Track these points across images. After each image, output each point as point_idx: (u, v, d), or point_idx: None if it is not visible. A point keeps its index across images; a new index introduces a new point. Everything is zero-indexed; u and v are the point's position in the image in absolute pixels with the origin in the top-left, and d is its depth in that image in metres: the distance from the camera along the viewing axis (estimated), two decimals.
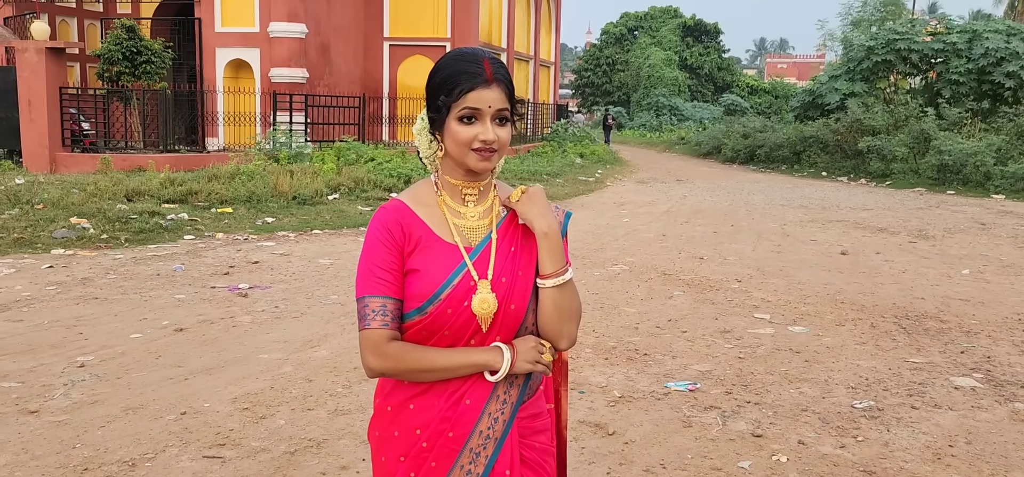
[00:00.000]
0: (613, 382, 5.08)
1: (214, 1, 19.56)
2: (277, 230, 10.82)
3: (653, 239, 10.89)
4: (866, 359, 5.68)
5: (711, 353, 5.75)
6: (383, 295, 1.67)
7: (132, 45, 17.41)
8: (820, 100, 26.95)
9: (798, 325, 6.57)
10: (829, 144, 24.04)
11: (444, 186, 1.77)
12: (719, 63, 59.20)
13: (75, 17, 22.58)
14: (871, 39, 26.66)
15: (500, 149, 1.70)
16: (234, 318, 6.41)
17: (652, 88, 52.65)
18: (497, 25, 26.33)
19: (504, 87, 1.68)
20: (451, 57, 1.71)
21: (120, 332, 5.91)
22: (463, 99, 1.65)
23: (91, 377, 4.95)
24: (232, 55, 19.76)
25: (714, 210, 14.34)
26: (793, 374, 5.32)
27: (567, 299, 1.72)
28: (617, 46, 60.90)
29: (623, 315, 6.78)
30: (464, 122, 1.66)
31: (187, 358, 5.37)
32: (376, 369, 1.68)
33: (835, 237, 11.34)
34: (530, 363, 1.70)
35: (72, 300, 6.83)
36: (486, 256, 1.71)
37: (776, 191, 18.06)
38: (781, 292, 7.78)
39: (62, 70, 17.04)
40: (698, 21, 60.08)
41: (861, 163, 22.14)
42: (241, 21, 19.62)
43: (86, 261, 8.47)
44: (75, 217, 10.13)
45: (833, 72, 28.25)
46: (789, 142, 25.54)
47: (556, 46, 34.83)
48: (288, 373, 5.10)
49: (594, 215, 13.30)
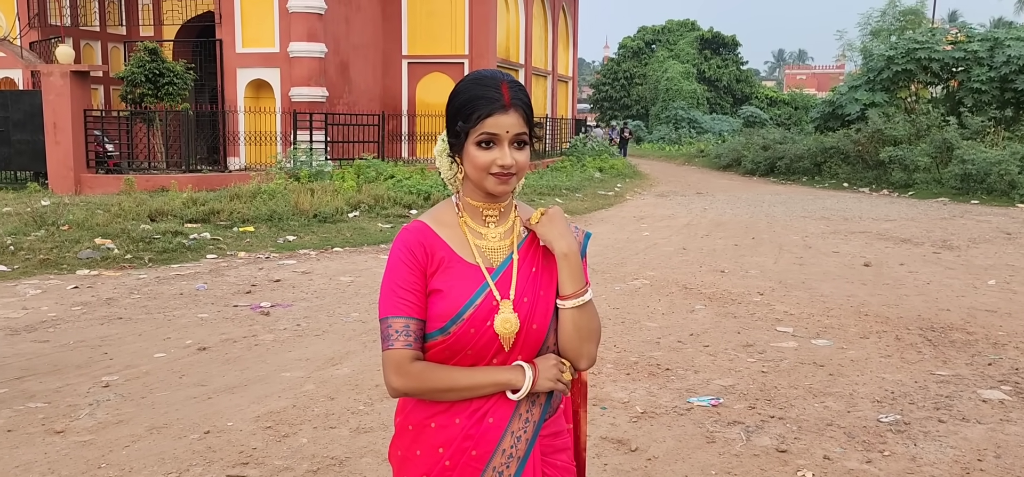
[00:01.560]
0: (635, 397, 5.05)
1: (235, 22, 19.80)
2: (298, 248, 10.88)
3: (673, 253, 10.83)
4: (891, 372, 5.61)
5: (734, 367, 5.71)
6: (406, 316, 1.68)
7: (155, 67, 17.64)
8: (840, 111, 26.76)
9: (822, 338, 6.50)
10: (850, 155, 23.85)
11: (465, 208, 1.79)
12: (738, 75, 58.99)
13: (99, 41, 22.94)
14: (891, 49, 26.47)
15: (519, 173, 1.72)
16: (256, 337, 6.44)
17: (670, 101, 52.55)
18: (515, 42, 26.42)
19: (522, 111, 1.69)
20: (470, 81, 1.72)
21: (144, 352, 5.96)
22: (481, 124, 1.67)
23: (116, 397, 4.99)
24: (253, 75, 19.97)
25: (735, 223, 14.26)
26: (817, 388, 5.26)
27: (587, 319, 1.73)
28: (635, 60, 60.87)
29: (644, 329, 6.75)
30: (482, 147, 1.68)
31: (210, 377, 5.40)
32: (399, 388, 1.69)
33: (858, 248, 11.23)
34: (551, 381, 1.71)
35: (97, 320, 6.90)
36: (508, 276, 1.73)
37: (797, 203, 17.94)
38: (804, 305, 7.71)
39: (86, 93, 17.29)
40: (716, 34, 59.94)
41: (883, 173, 21.94)
42: (262, 42, 19.84)
43: (110, 281, 8.56)
44: (100, 238, 10.24)
45: (853, 82, 28.05)
46: (809, 153, 25.36)
47: (574, 61, 34.89)
48: (310, 391, 5.12)
49: (614, 229, 13.27)
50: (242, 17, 19.81)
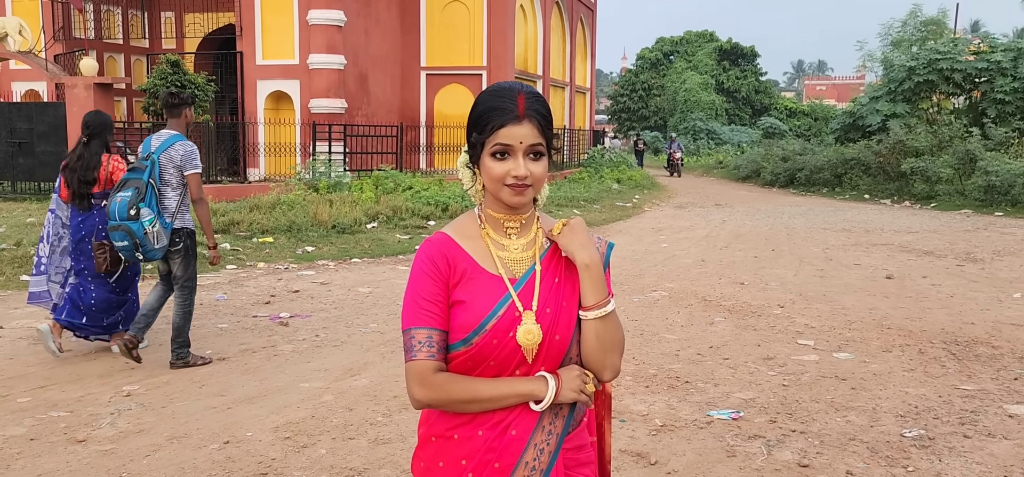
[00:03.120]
0: (654, 410, 5.02)
1: (256, 35, 19.99)
2: (317, 259, 10.93)
3: (692, 264, 10.79)
4: (915, 386, 5.55)
5: (754, 380, 5.66)
6: (429, 326, 1.69)
7: (176, 79, 17.87)
8: (861, 122, 26.59)
9: (843, 351, 6.44)
10: (871, 166, 23.69)
11: (487, 219, 1.79)
12: (756, 86, 58.82)
13: (122, 53, 23.22)
14: (912, 59, 26.28)
15: (535, 184, 1.72)
16: (275, 347, 6.47)
17: (689, 112, 52.44)
18: (533, 53, 26.48)
19: (537, 121, 1.69)
20: (488, 93, 1.73)
21: (164, 361, 6.00)
22: (495, 135, 1.68)
23: (137, 406, 5.02)
24: (273, 87, 20.14)
25: (754, 234, 14.18)
26: (839, 402, 5.21)
27: (610, 330, 1.72)
28: (653, 71, 60.84)
29: (663, 342, 6.72)
30: (497, 158, 1.69)
31: (230, 387, 5.43)
32: (422, 400, 1.69)
33: (880, 261, 11.13)
34: (574, 392, 1.70)
35: None
36: (530, 287, 1.73)
37: (817, 214, 17.81)
38: (825, 318, 7.65)
39: (110, 105, 17.49)
40: (734, 44, 59.83)
41: (904, 185, 21.77)
42: (282, 54, 20.00)
43: None
44: None
45: (874, 93, 27.87)
46: (830, 164, 25.21)
47: (592, 72, 34.91)
48: (329, 402, 5.13)
49: (632, 241, 13.23)
50: (262, 30, 19.99)
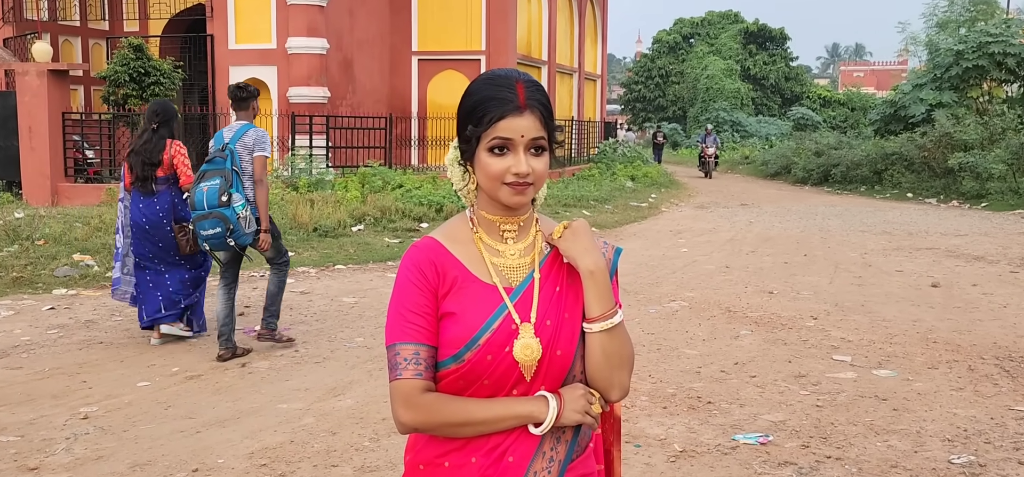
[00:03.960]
0: (673, 434, 5.02)
1: (228, 16, 20.02)
2: (296, 266, 10.93)
3: (715, 271, 10.80)
4: (964, 407, 5.54)
5: (784, 401, 5.66)
6: (416, 342, 1.68)
7: (140, 65, 17.86)
8: (903, 112, 26.61)
9: (884, 368, 6.44)
10: (915, 161, 23.70)
11: (480, 222, 1.78)
12: (786, 72, 58.84)
13: (79, 36, 23.25)
14: (960, 42, 26.30)
15: (536, 182, 1.71)
16: (250, 363, 6.48)
17: (711, 102, 52.48)
18: (537, 36, 26.51)
19: (539, 113, 1.69)
20: (482, 81, 1.72)
21: (126, 380, 6.01)
22: (492, 128, 1.67)
23: (95, 430, 5.02)
24: (247, 74, 20.12)
25: (784, 238, 14.18)
26: (880, 425, 5.20)
27: (617, 345, 1.72)
28: (671, 56, 60.89)
29: (683, 358, 6.72)
30: (495, 153, 1.68)
31: (199, 408, 5.43)
32: (408, 423, 1.68)
33: (924, 267, 11.13)
34: (579, 414, 1.69)
35: (75, 345, 6.97)
36: (528, 297, 1.72)
37: (855, 215, 17.82)
38: (863, 330, 7.65)
39: (65, 94, 17.54)
40: (762, 26, 59.86)
41: (952, 182, 21.77)
42: (257, 37, 20.03)
43: (90, 302, 8.64)
44: (78, 253, 10.35)
45: (917, 80, 27.89)
46: (869, 160, 25.23)
47: (603, 58, 34.95)
48: (309, 425, 5.13)
49: (648, 245, 13.24)
50: (235, 10, 20.02)
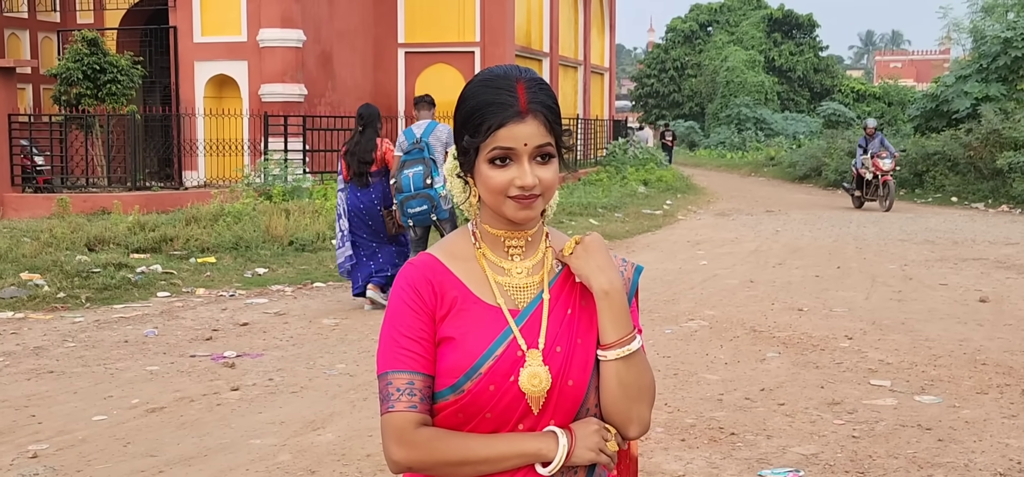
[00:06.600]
0: (692, 469, 5.02)
1: (192, 6, 20.03)
2: (271, 283, 10.94)
3: (738, 286, 10.80)
4: (1017, 437, 5.54)
5: (817, 431, 5.66)
6: (410, 370, 1.68)
7: (95, 61, 17.87)
8: (945, 107, 26.64)
9: (927, 394, 6.44)
10: (959, 162, 23.71)
11: (483, 237, 1.78)
12: (816, 64, 58.93)
13: (27, 30, 23.25)
14: (1008, 28, 26.34)
15: (544, 193, 1.70)
16: (219, 394, 6.46)
17: (732, 97, 52.52)
18: (537, 25, 26.57)
19: (544, 116, 1.68)
20: (478, 83, 1.72)
21: (81, 413, 5.99)
22: (491, 138, 1.66)
23: (45, 470, 5.01)
24: (214, 70, 20.18)
25: (815, 248, 14.20)
26: (923, 457, 5.20)
27: (635, 374, 1.71)
28: (686, 46, 61.00)
29: (703, 384, 6.71)
30: (496, 165, 1.67)
31: (162, 445, 5.42)
32: (401, 461, 1.68)
33: (972, 280, 11.14)
34: (592, 452, 1.68)
35: (23, 375, 6.95)
36: (536, 320, 1.71)
37: (893, 222, 17.84)
38: (904, 352, 7.65)
39: (12, 94, 17.57)
40: (788, 12, 59.95)
41: (1001, 185, 21.80)
42: (225, 29, 20.05)
43: (39, 326, 8.63)
44: (26, 272, 10.34)
45: (961, 71, 27.93)
46: (908, 161, 25.22)
47: (611, 49, 35.06)
48: (285, 463, 5.12)
49: (663, 257, 13.25)
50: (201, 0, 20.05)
